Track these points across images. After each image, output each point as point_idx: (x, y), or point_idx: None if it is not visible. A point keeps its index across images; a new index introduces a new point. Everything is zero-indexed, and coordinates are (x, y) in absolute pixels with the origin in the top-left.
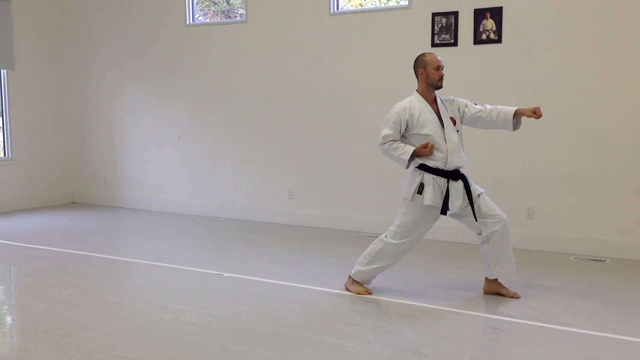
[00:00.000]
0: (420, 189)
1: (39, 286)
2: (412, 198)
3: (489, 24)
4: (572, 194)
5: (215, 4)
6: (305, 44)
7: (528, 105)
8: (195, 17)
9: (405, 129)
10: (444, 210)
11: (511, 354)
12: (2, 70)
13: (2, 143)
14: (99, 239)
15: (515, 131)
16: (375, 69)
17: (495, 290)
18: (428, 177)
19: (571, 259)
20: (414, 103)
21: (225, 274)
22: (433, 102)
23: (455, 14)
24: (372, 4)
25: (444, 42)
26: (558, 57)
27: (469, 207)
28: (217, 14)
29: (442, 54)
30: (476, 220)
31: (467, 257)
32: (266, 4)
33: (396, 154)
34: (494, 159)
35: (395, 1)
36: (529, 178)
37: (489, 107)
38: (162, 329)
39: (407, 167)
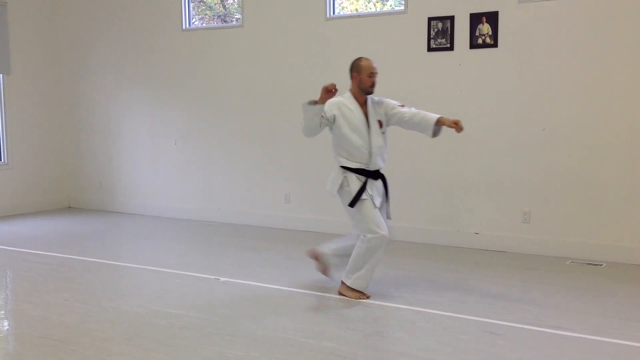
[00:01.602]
0: (346, 186)
1: (34, 291)
2: (341, 196)
3: (485, 28)
4: (568, 198)
5: (211, 8)
6: (301, 48)
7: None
8: (192, 21)
9: (335, 121)
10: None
11: (507, 358)
12: None
13: None
14: (95, 243)
15: (435, 137)
16: None
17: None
18: (350, 176)
19: (567, 263)
20: (346, 102)
21: (222, 279)
22: (364, 104)
23: (451, 18)
24: (368, 9)
25: (440, 46)
26: (554, 62)
27: (384, 207)
28: (213, 18)
29: (438, 59)
30: (389, 218)
31: (464, 262)
32: (262, 9)
33: (304, 110)
34: (491, 163)
35: (391, 6)
36: (525, 182)
37: (414, 110)
38: (158, 334)
39: (311, 105)
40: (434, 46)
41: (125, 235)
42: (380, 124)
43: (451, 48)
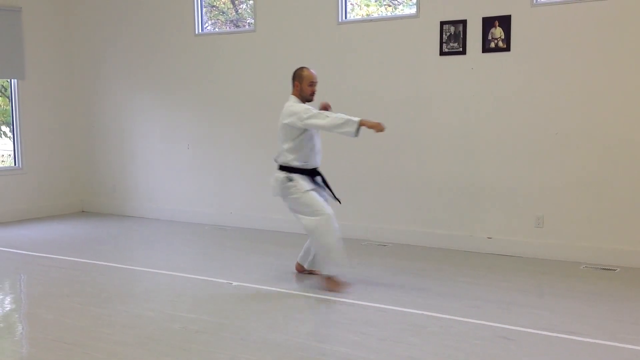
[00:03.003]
0: (292, 186)
1: (48, 295)
2: (289, 187)
3: (498, 32)
4: (581, 202)
5: (223, 13)
6: (313, 53)
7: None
8: (204, 26)
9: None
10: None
11: None
12: (12, 80)
13: (12, 152)
14: (108, 247)
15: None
16: (383, 78)
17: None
18: (295, 175)
19: (581, 267)
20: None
21: (234, 283)
22: None
23: (464, 22)
24: (380, 13)
25: (453, 50)
26: (567, 65)
27: (328, 201)
28: (225, 23)
29: (451, 63)
30: (339, 203)
31: (476, 266)
32: (274, 14)
33: (345, 118)
34: (503, 168)
35: (403, 10)
36: (538, 186)
37: (334, 115)
38: (171, 338)
39: (357, 134)
40: (446, 50)
41: (138, 239)
42: None
43: (463, 52)
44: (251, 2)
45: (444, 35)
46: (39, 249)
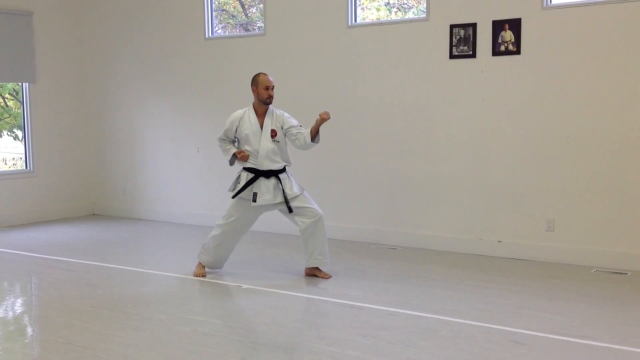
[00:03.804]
0: (237, 183)
1: (59, 297)
2: (234, 186)
3: (508, 35)
4: (592, 206)
5: (233, 17)
6: (323, 56)
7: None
8: (215, 30)
9: (236, 132)
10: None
11: None
12: (23, 84)
13: (23, 155)
14: (119, 250)
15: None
16: (393, 81)
17: (312, 273)
18: (244, 174)
19: (592, 271)
20: (246, 113)
21: (244, 286)
22: (263, 114)
23: (474, 25)
24: (389, 17)
25: (462, 53)
26: (577, 69)
27: (284, 204)
28: (235, 27)
29: (460, 66)
30: (290, 211)
31: (487, 270)
32: (284, 17)
33: (224, 153)
34: (514, 171)
35: (413, 13)
36: (549, 190)
37: (303, 132)
38: (182, 341)
39: (231, 164)
40: (456, 53)
41: (148, 242)
42: (274, 133)
43: (473, 55)
44: (261, 5)
45: (453, 39)
46: (50, 252)
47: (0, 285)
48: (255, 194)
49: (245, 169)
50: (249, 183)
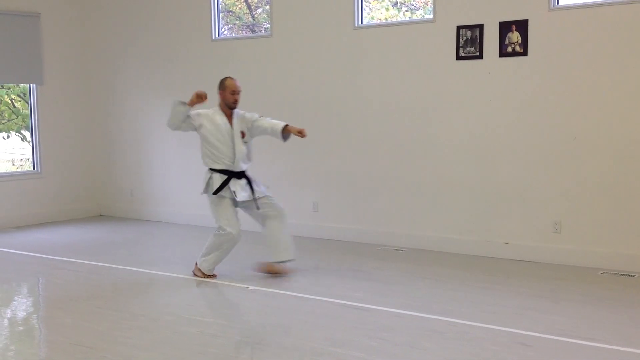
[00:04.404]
0: (210, 184)
1: (66, 298)
2: (207, 193)
3: (515, 36)
4: (600, 208)
5: (240, 18)
6: (329, 57)
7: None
8: (221, 31)
9: (201, 129)
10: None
11: None
12: (31, 85)
13: (31, 156)
14: (125, 251)
15: (284, 140)
16: (399, 83)
17: (271, 269)
18: (215, 176)
19: (599, 273)
20: (215, 115)
21: (251, 287)
22: (230, 117)
23: (481, 26)
24: (396, 18)
25: (469, 55)
26: (585, 70)
27: (252, 201)
28: (242, 28)
29: (467, 67)
30: (258, 209)
31: (493, 272)
32: (291, 18)
33: (173, 111)
34: (521, 173)
35: (421, 15)
36: (556, 192)
37: (269, 120)
38: (188, 342)
39: (180, 105)
40: (463, 55)
41: (155, 243)
42: (243, 134)
43: (480, 57)
44: (267, 7)
45: (460, 40)
46: (57, 253)
47: (7, 285)
48: (234, 192)
49: (216, 171)
50: (225, 184)
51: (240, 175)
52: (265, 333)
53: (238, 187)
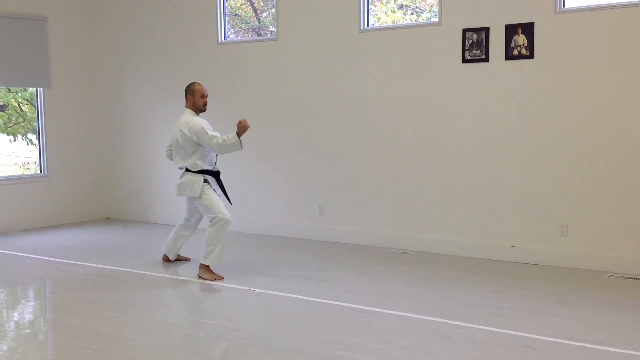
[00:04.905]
0: (207, 186)
1: (73, 301)
2: (202, 190)
3: (521, 39)
4: (606, 210)
5: (246, 22)
6: (335, 60)
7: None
8: (227, 35)
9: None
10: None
11: None
12: (38, 88)
13: (38, 159)
14: (132, 254)
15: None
16: (405, 85)
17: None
18: (209, 177)
19: (606, 276)
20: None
21: (257, 290)
22: None
23: (486, 29)
24: (402, 21)
25: (475, 57)
26: (591, 73)
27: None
28: (248, 31)
29: (473, 70)
30: (231, 204)
31: (499, 275)
32: (296, 22)
33: (229, 142)
34: (527, 176)
35: (427, 17)
36: (562, 195)
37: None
38: (194, 345)
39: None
40: (469, 57)
41: (161, 246)
42: None
43: (486, 59)
44: (273, 10)
45: (466, 43)
46: (64, 256)
47: (14, 288)
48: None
49: (207, 172)
50: (219, 182)
51: (217, 174)
52: (270, 336)
53: (214, 185)
